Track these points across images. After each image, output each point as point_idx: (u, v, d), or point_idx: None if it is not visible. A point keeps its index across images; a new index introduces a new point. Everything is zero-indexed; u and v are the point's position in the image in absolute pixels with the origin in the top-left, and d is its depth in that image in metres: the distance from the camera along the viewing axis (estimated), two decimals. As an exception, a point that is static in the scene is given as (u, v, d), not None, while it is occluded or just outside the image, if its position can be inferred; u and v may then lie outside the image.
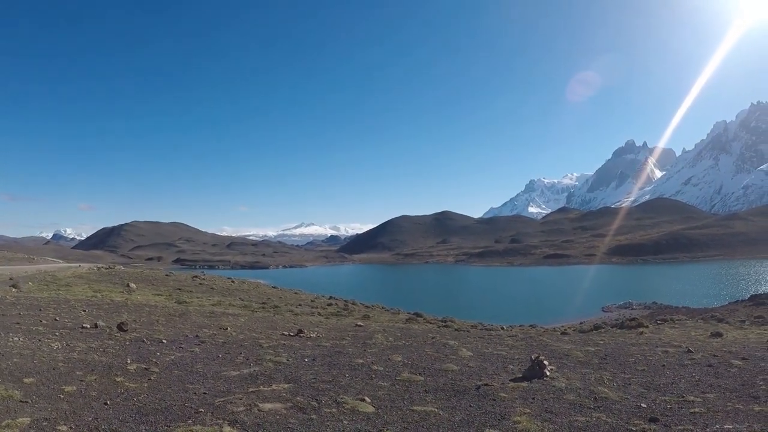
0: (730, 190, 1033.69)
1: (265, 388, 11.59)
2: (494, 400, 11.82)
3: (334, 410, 10.24)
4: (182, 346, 16.53)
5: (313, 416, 9.82)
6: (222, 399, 10.67)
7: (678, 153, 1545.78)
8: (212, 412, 9.78)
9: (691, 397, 12.74)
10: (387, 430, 9.35)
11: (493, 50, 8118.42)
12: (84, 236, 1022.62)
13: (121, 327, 18.47)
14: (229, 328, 20.63)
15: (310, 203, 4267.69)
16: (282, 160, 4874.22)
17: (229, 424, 9.12)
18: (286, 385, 11.99)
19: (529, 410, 11.06)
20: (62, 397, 10.49)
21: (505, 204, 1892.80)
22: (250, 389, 11.52)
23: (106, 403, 10.22)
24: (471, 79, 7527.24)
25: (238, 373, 13.13)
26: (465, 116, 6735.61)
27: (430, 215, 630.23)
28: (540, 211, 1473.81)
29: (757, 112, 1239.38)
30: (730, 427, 10.22)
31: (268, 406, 10.24)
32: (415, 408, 10.79)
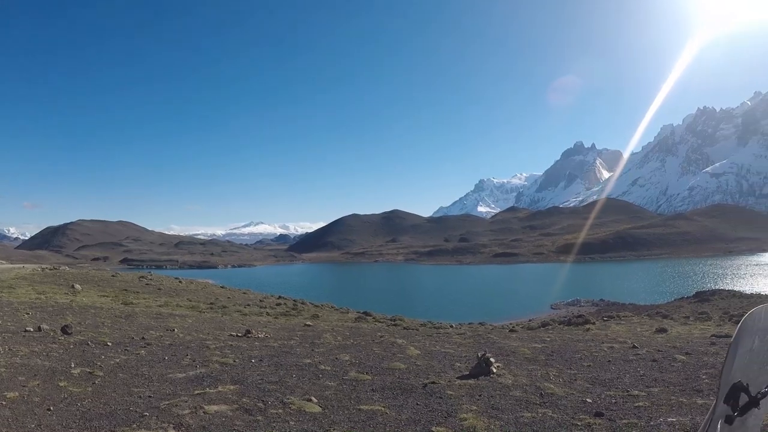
0: (676, 191, 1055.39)
1: (211, 390, 11.51)
2: (441, 397, 11.91)
3: (280, 411, 10.21)
4: (128, 348, 16.27)
5: (259, 418, 9.78)
6: (167, 402, 10.55)
7: (626, 155, 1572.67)
8: (157, 416, 9.66)
9: (636, 392, 12.99)
10: (333, 430, 9.37)
11: (440, 50, 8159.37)
12: (28, 236, 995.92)
13: (65, 330, 18.11)
14: (176, 330, 20.40)
15: (260, 202, 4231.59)
16: (231, 158, 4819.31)
17: (174, 428, 9.03)
18: (232, 387, 11.92)
19: (475, 407, 11.16)
20: (4, 403, 10.25)
21: (455, 203, 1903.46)
22: (196, 391, 11.42)
23: (49, 409, 10.03)
24: (420, 77, 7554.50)
25: (184, 375, 13.01)
26: (414, 115, 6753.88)
27: (379, 214, 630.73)
28: (489, 210, 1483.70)
29: (703, 117, 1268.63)
30: (674, 420, 10.44)
31: (213, 408, 10.16)
32: (362, 407, 10.82)
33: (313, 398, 11.20)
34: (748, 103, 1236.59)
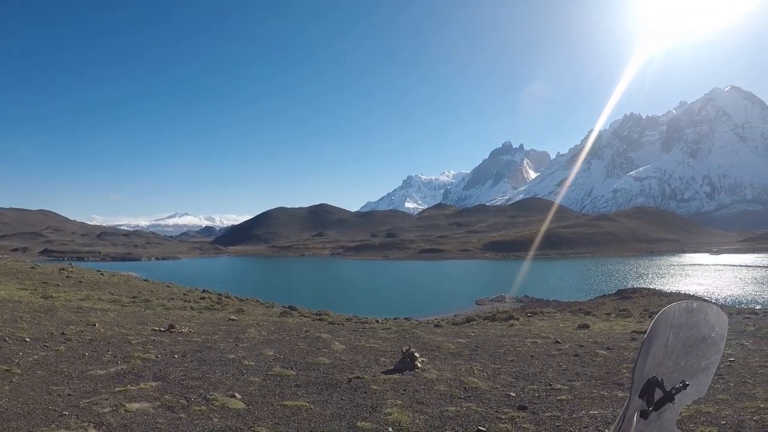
0: (601, 193, 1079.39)
1: (133, 387, 11.27)
2: (366, 392, 11.97)
3: (203, 408, 10.11)
4: (47, 344, 15.79)
5: (182, 415, 9.66)
6: (88, 400, 10.29)
7: (553, 156, 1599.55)
8: (77, 415, 9.42)
9: (559, 386, 13.29)
10: (258, 426, 9.32)
11: (371, 47, 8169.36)
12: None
13: (-20, 325, 17.53)
14: (97, 324, 19.89)
15: (186, 192, 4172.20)
16: (156, 146, 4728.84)
17: (94, 427, 8.82)
18: (154, 383, 11.72)
19: (400, 402, 11.25)
20: None
21: (383, 198, 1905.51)
22: (117, 389, 11.16)
23: (-38, 409, 9.69)
24: (350, 70, 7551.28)
25: (105, 371, 12.72)
26: (343, 109, 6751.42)
27: (307, 208, 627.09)
28: (417, 206, 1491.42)
29: (629, 123, 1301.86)
30: (595, 412, 10.74)
31: (135, 405, 9.97)
32: (286, 403, 10.80)
33: (236, 394, 11.11)
34: (674, 111, 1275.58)
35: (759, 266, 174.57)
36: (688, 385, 2.63)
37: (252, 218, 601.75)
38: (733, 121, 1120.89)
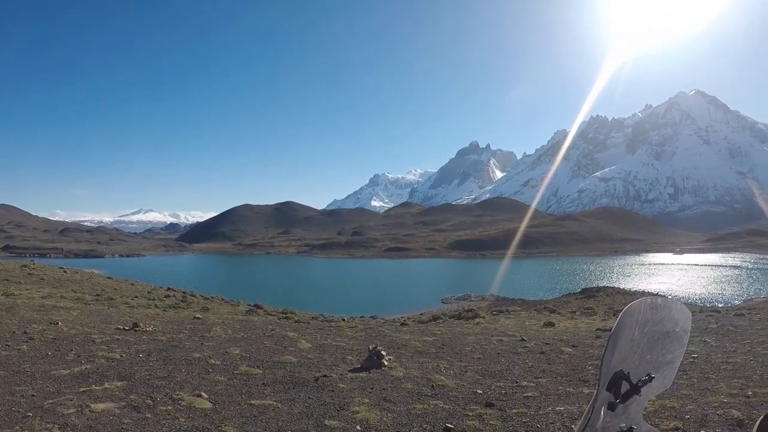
0: (566, 193, 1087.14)
1: (98, 387, 11.12)
2: (333, 391, 12.01)
3: (169, 408, 10.03)
4: (8, 343, 15.52)
5: (148, 415, 9.57)
6: (51, 401, 10.13)
7: (519, 156, 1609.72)
8: (41, 416, 9.26)
9: (525, 383, 13.47)
10: (225, 425, 9.28)
11: (338, 45, 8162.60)
12: None
13: (-62, 323, 17.19)
14: (60, 323, 19.60)
15: (150, 188, 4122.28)
16: (121, 141, 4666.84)
17: (59, 428, 8.70)
18: (119, 383, 11.58)
19: (368, 400, 11.30)
20: None
21: (349, 196, 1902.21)
22: (82, 389, 11.01)
23: None
24: (317, 69, 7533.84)
25: (69, 371, 12.53)
26: (310, 106, 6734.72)
27: (272, 205, 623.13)
28: (383, 205, 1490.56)
29: (595, 125, 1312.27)
30: (562, 408, 10.89)
31: (100, 406, 9.84)
32: (253, 402, 10.78)
33: (203, 393, 11.06)
34: (639, 114, 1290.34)
35: (721, 266, 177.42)
36: (653, 377, 2.68)
37: (217, 215, 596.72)
38: (697, 125, 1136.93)
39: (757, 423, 2.55)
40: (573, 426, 9.69)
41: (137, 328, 19.20)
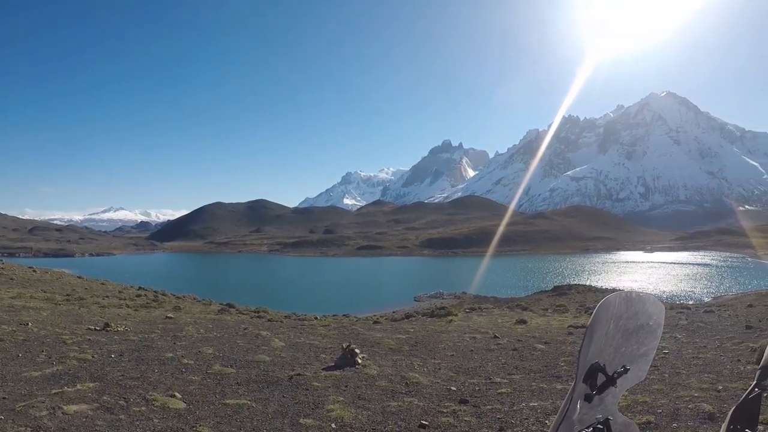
0: (537, 192, 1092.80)
1: (70, 389, 11.00)
2: (307, 389, 12.03)
3: (143, 408, 9.97)
4: (-23, 345, 15.34)
5: (122, 416, 9.50)
6: (23, 403, 9.96)
7: (491, 155, 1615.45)
8: (13, 419, 9.12)
9: (498, 379, 13.58)
10: (199, 425, 9.24)
11: (310, 42, 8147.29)
12: None
13: None
14: (30, 324, 19.33)
15: (120, 186, 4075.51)
16: (90, 138, 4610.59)
17: (32, 431, 8.60)
18: (91, 384, 11.45)
19: (342, 398, 11.33)
20: None
21: (321, 194, 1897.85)
22: (54, 391, 10.86)
23: None
24: (288, 66, 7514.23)
25: (41, 373, 12.35)
26: (282, 104, 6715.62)
27: (244, 203, 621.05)
28: (355, 203, 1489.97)
29: (567, 124, 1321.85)
30: (535, 404, 11.01)
31: (73, 408, 9.73)
32: (227, 401, 10.76)
33: (176, 394, 11.00)
34: (611, 114, 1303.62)
35: (691, 264, 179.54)
36: (628, 369, 2.72)
37: (189, 213, 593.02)
38: (668, 125, 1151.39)
39: (729, 415, 2.60)
40: (547, 421, 9.80)
41: (109, 329, 19.01)
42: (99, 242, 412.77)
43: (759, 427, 2.61)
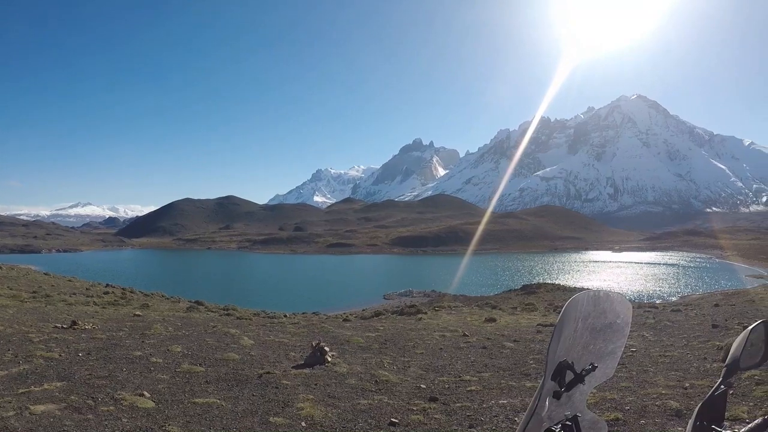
0: (508, 192, 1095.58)
1: (37, 389, 10.88)
2: (277, 387, 12.03)
3: (111, 408, 9.90)
4: (-59, 344, 15.10)
5: (90, 416, 9.43)
6: (-11, 403, 9.85)
7: (462, 154, 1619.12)
8: (-21, 419, 9.00)
9: (468, 377, 13.68)
10: (169, 425, 9.21)
11: (283, 38, 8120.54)
12: None
13: None
14: (-5, 322, 19.15)
15: (88, 180, 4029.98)
16: (58, 131, 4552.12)
17: (-2, 431, 8.51)
18: (59, 384, 11.34)
19: (312, 396, 11.35)
20: None
21: (291, 191, 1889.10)
22: (20, 390, 10.75)
23: None
24: (259, 63, 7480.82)
25: (6, 372, 12.19)
26: (252, 100, 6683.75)
27: (214, 199, 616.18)
28: (325, 200, 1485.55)
29: (538, 125, 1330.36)
30: (505, 402, 11.11)
31: (40, 408, 9.63)
32: (196, 400, 10.73)
33: (145, 393, 10.95)
34: (582, 116, 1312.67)
35: (658, 264, 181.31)
36: (596, 367, 2.77)
37: (157, 209, 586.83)
38: (638, 128, 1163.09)
39: (695, 411, 2.66)
40: (516, 419, 9.91)
41: (76, 327, 18.80)
42: (66, 238, 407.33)
43: (725, 422, 2.68)
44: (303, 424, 9.64)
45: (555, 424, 2.68)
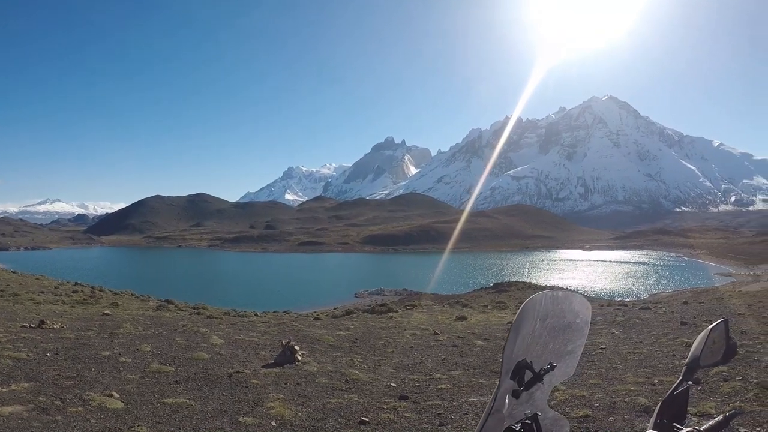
0: (479, 190, 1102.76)
1: (4, 389, 10.77)
2: (247, 387, 12.04)
3: (80, 409, 9.84)
4: None
5: (58, 417, 9.36)
6: (-45, 404, 9.75)
7: (434, 153, 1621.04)
8: (-55, 420, 8.91)
9: (438, 375, 13.78)
10: (138, 425, 9.18)
11: (257, 35, 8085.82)
12: None
13: None
14: (-39, 321, 18.92)
15: (57, 176, 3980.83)
16: (26, 126, 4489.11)
17: (-35, 433, 8.43)
18: (26, 385, 11.23)
19: (282, 395, 11.37)
20: None
21: (263, 189, 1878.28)
22: (-13, 391, 10.62)
23: None
24: (232, 60, 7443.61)
25: (-27, 373, 12.07)
26: (223, 96, 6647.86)
27: (184, 197, 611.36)
28: (297, 198, 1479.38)
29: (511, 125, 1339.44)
30: (475, 399, 11.21)
31: (7, 409, 9.52)
32: (166, 400, 10.70)
33: (114, 393, 10.89)
34: (553, 116, 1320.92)
35: (628, 262, 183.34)
36: (555, 366, 2.82)
37: (127, 206, 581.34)
38: (609, 128, 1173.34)
39: (657, 409, 2.74)
40: None
41: (44, 326, 18.62)
42: (34, 235, 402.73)
43: (693, 418, 2.76)
44: (273, 423, 9.66)
45: (515, 423, 2.74)
